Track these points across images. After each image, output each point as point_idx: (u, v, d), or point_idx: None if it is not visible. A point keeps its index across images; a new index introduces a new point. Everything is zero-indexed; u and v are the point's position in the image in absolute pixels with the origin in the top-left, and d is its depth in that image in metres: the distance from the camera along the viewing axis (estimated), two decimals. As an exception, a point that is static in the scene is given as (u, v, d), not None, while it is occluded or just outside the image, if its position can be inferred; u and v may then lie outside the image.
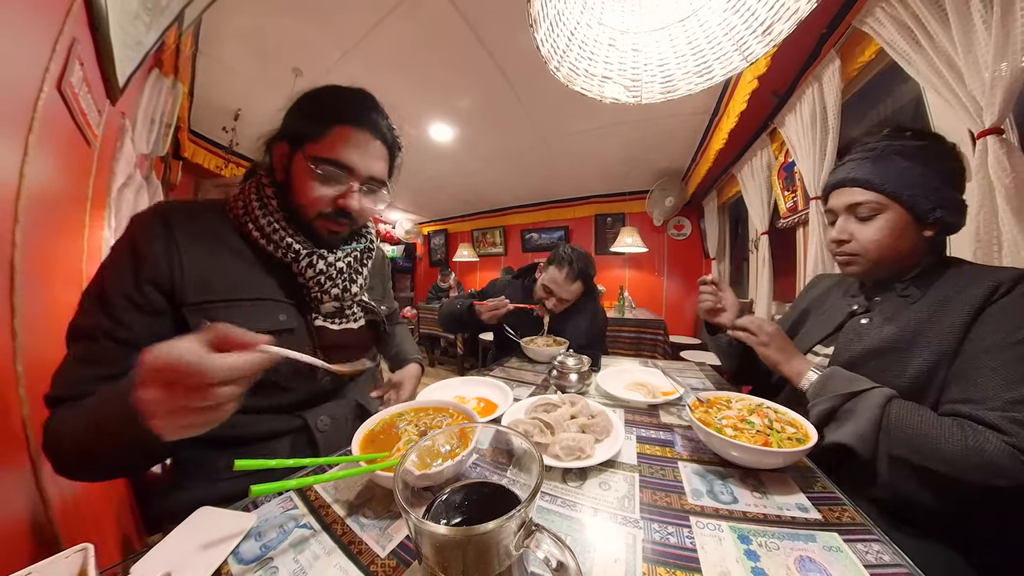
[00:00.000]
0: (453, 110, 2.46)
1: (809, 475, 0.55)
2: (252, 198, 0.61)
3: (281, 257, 0.60)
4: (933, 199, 0.61)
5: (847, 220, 0.68)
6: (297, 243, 0.60)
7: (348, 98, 0.61)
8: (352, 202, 0.60)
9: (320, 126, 0.58)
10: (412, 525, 0.25)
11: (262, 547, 0.40)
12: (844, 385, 0.60)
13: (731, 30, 0.55)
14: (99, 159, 1.15)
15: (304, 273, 0.61)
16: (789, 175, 2.00)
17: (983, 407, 0.50)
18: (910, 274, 0.66)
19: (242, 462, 0.39)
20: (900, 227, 0.63)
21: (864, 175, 0.65)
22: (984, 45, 0.85)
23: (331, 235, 0.64)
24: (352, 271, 0.67)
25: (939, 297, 0.61)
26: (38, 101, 0.77)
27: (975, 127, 0.89)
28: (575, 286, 1.30)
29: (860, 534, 0.42)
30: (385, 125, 0.63)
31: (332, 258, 0.64)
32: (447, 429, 0.38)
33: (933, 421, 0.52)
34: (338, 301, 0.66)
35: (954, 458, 0.48)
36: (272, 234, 0.60)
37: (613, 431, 0.64)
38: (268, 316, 0.59)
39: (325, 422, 0.65)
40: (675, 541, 0.41)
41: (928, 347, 0.58)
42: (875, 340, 0.64)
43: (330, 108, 0.59)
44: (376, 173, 0.62)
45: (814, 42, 1.53)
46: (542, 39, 0.58)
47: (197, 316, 0.53)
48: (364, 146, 0.60)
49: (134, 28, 1.15)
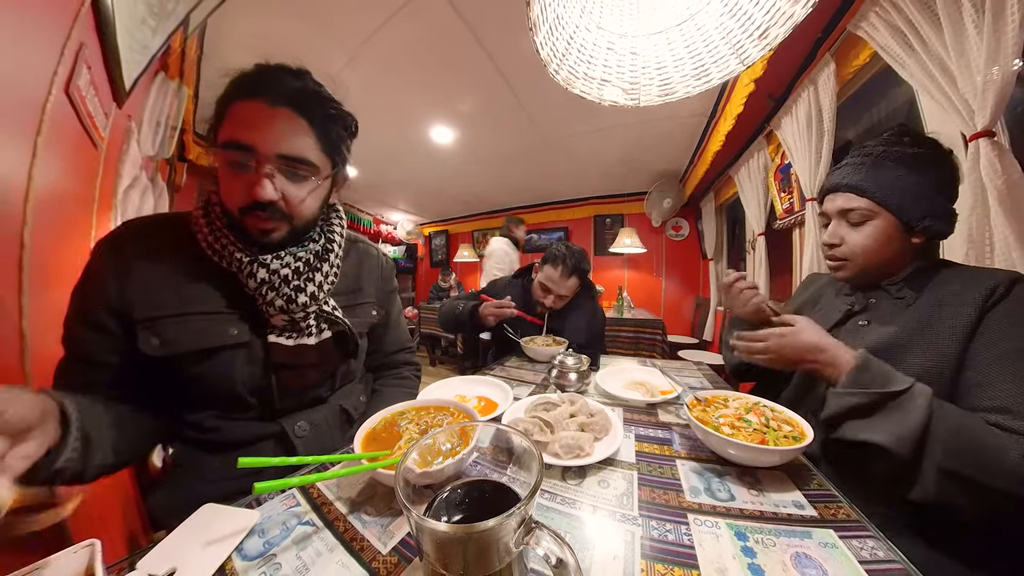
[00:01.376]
0: (454, 112, 2.46)
1: (805, 473, 0.55)
2: (199, 207, 0.57)
3: (227, 268, 0.56)
4: (924, 208, 0.61)
5: (839, 224, 0.68)
6: (239, 251, 0.55)
7: (251, 71, 0.51)
8: (263, 190, 0.50)
9: (222, 107, 0.51)
10: (413, 522, 0.25)
11: (265, 544, 0.40)
12: (880, 379, 0.54)
13: (728, 34, 0.55)
14: (105, 161, 1.15)
15: (247, 284, 0.56)
16: (785, 177, 2.00)
17: (1018, 418, 0.48)
18: (899, 276, 0.66)
19: (246, 460, 0.39)
20: (888, 234, 0.63)
21: (857, 181, 0.65)
22: (976, 49, 0.85)
23: (263, 234, 0.55)
24: (300, 278, 0.59)
25: (934, 300, 0.60)
26: (46, 104, 0.77)
27: (967, 130, 0.89)
28: (571, 281, 1.31)
29: (855, 531, 0.42)
30: (300, 90, 0.52)
31: (275, 265, 0.56)
32: (448, 428, 0.38)
33: (986, 431, 0.48)
34: (285, 314, 0.58)
35: (1017, 474, 0.45)
36: (215, 243, 0.55)
37: (612, 429, 0.64)
38: (218, 330, 0.56)
39: (303, 428, 0.63)
40: (673, 538, 0.41)
41: (927, 350, 0.57)
42: (875, 340, 0.63)
43: (233, 84, 0.51)
44: (288, 150, 0.51)
45: (809, 46, 1.53)
46: (542, 42, 0.58)
47: (146, 333, 0.52)
48: (265, 119, 0.49)
49: (140, 33, 1.15)
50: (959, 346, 0.55)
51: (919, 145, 0.63)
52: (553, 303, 1.34)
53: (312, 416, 0.66)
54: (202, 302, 0.56)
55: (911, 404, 0.50)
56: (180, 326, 0.54)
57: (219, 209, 0.57)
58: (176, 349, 0.53)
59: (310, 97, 0.54)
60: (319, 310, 0.62)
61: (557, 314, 1.38)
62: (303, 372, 0.63)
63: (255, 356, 0.59)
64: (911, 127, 0.66)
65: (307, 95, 0.53)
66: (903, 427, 0.50)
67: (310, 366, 0.64)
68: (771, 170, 2.17)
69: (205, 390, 0.57)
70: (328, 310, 0.64)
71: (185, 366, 0.54)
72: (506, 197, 4.59)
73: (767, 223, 2.33)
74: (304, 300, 0.59)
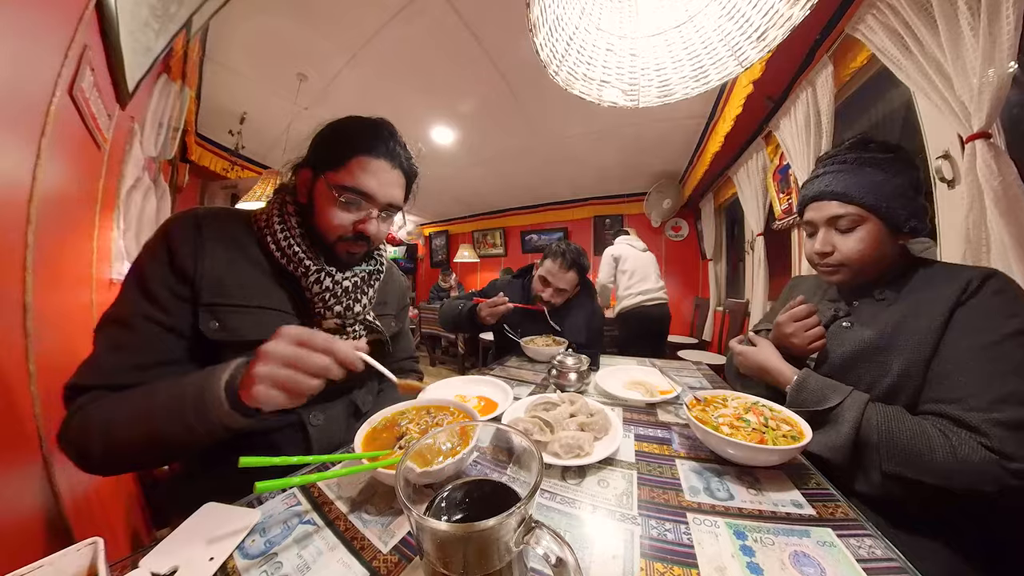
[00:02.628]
0: (454, 113, 2.47)
1: (804, 472, 0.55)
2: (274, 214, 0.63)
3: (292, 271, 0.62)
4: (908, 209, 0.62)
5: (828, 232, 0.68)
6: (308, 259, 0.62)
7: (367, 128, 0.63)
8: (371, 228, 0.63)
9: (340, 156, 0.60)
10: (414, 521, 0.25)
11: (267, 542, 0.40)
12: (816, 397, 0.62)
13: (726, 36, 0.55)
14: (109, 162, 1.16)
15: (311, 288, 0.62)
16: (784, 178, 2.00)
17: (964, 407, 0.51)
18: (883, 278, 0.67)
19: (247, 459, 0.39)
20: (879, 237, 0.64)
21: (842, 188, 0.65)
22: (972, 52, 0.85)
23: (349, 256, 0.66)
24: (358, 291, 0.67)
25: (912, 298, 0.62)
26: (51, 106, 0.77)
27: (964, 131, 0.89)
28: (570, 275, 1.34)
29: (853, 529, 0.42)
30: (403, 154, 0.66)
31: (339, 276, 0.64)
32: (448, 427, 0.38)
33: (918, 431, 0.52)
34: (340, 319, 0.66)
35: (945, 470, 0.49)
36: (287, 248, 0.61)
37: (612, 429, 0.64)
38: (273, 324, 0.58)
39: (318, 417, 0.66)
40: (672, 537, 0.41)
41: (905, 348, 0.59)
42: (857, 343, 0.65)
43: (350, 138, 0.62)
44: (394, 200, 0.65)
45: (808, 48, 1.53)
46: (541, 43, 0.58)
47: (207, 315, 0.55)
48: (382, 175, 0.62)
49: (144, 35, 1.16)
50: (932, 344, 0.57)
51: (889, 151, 0.64)
52: (552, 296, 1.36)
53: (327, 408, 0.68)
54: (262, 297, 0.60)
55: (841, 418, 0.57)
56: (242, 316, 0.57)
57: (295, 220, 0.63)
58: (233, 336, 0.56)
59: (408, 160, 0.67)
60: (364, 319, 0.70)
61: (557, 312, 1.40)
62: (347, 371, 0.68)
63: None
64: (872, 136, 0.67)
65: (407, 159, 0.67)
66: (835, 439, 0.57)
67: None
68: (770, 171, 2.17)
69: None
70: (371, 319, 0.71)
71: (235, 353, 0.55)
72: (506, 198, 4.59)
73: (766, 223, 2.33)
74: (359, 310, 0.67)
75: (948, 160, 1.01)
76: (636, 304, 2.50)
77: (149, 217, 1.54)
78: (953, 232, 0.97)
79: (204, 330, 0.55)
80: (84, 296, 1.03)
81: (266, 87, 2.13)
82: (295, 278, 0.62)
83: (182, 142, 2.24)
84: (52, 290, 0.81)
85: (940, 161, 1.03)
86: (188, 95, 1.90)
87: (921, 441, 0.51)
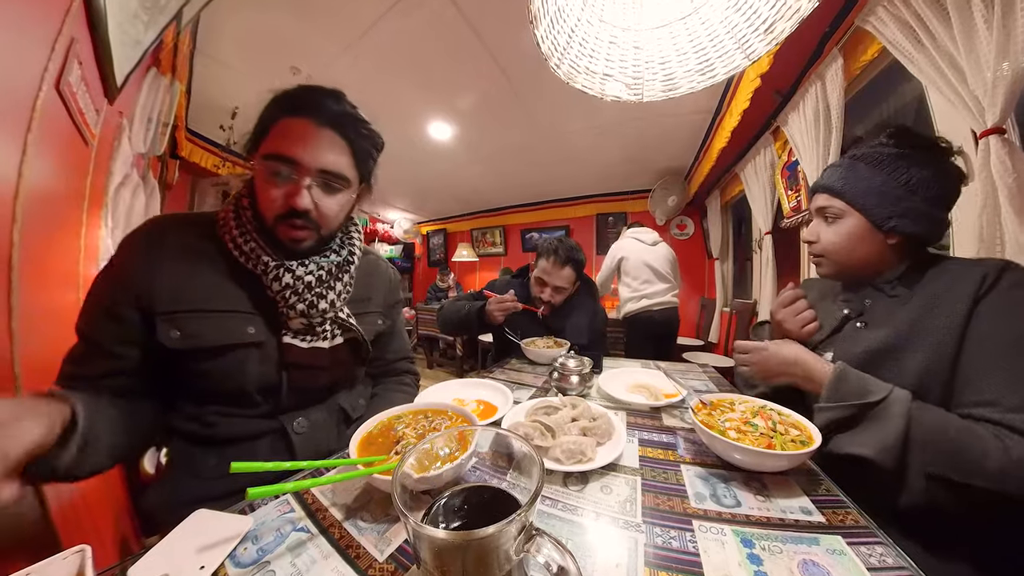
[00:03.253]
0: (452, 108, 2.47)
1: (812, 477, 0.55)
2: (230, 211, 0.61)
3: (252, 269, 0.60)
4: (889, 209, 0.63)
5: (818, 223, 0.73)
6: (267, 255, 0.60)
7: (295, 91, 0.58)
8: (301, 200, 0.56)
9: (265, 124, 0.57)
10: (411, 529, 0.25)
11: (259, 550, 0.40)
12: (857, 390, 0.57)
13: (733, 28, 0.55)
14: (96, 158, 1.16)
15: (271, 287, 0.60)
16: (793, 174, 2.00)
17: (1001, 410, 0.50)
18: (892, 275, 0.67)
19: (239, 464, 0.39)
20: (858, 233, 0.66)
21: (832, 183, 0.69)
22: (986, 45, 0.85)
23: (293, 242, 0.60)
24: (323, 286, 0.64)
25: (928, 294, 0.61)
26: (37, 100, 0.77)
27: (977, 127, 0.89)
28: (566, 271, 1.33)
29: (863, 537, 0.42)
30: (341, 113, 0.59)
31: (300, 271, 0.61)
32: (446, 432, 0.38)
33: (966, 430, 0.50)
34: (305, 317, 0.63)
35: (998, 473, 0.47)
36: (243, 245, 0.60)
37: (615, 434, 0.64)
38: (237, 328, 0.59)
39: (302, 424, 0.65)
40: (677, 545, 0.41)
41: (924, 346, 0.58)
42: (872, 342, 0.64)
43: (276, 103, 0.58)
44: (328, 166, 0.57)
45: (817, 40, 1.53)
46: (542, 36, 0.58)
47: (166, 325, 0.55)
48: (310, 137, 0.56)
49: (132, 27, 1.15)
50: (954, 343, 0.56)
51: (902, 146, 0.64)
52: (551, 296, 1.35)
53: (311, 414, 0.67)
54: (223, 300, 0.59)
55: (889, 412, 0.53)
56: (201, 321, 0.57)
57: (250, 214, 0.61)
58: (195, 343, 0.56)
59: (348, 118, 0.60)
60: (335, 316, 0.67)
61: (557, 313, 1.39)
62: (314, 374, 0.67)
63: (269, 356, 0.62)
64: (906, 128, 0.66)
65: (345, 116, 0.59)
66: (884, 437, 0.52)
67: (322, 368, 0.67)
68: (778, 167, 2.17)
69: (215, 384, 0.59)
70: (343, 317, 0.68)
71: (200, 360, 0.57)
72: (505, 195, 4.60)
73: (774, 221, 2.33)
74: (324, 306, 0.64)
75: (961, 156, 1.01)
76: (641, 308, 2.47)
77: (138, 215, 1.54)
78: (966, 230, 0.97)
79: (164, 340, 0.54)
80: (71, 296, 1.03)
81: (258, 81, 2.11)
82: (256, 277, 0.60)
83: (172, 138, 2.24)
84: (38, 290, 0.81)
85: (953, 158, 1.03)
86: (178, 89, 1.90)
87: (971, 441, 0.49)
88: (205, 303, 0.57)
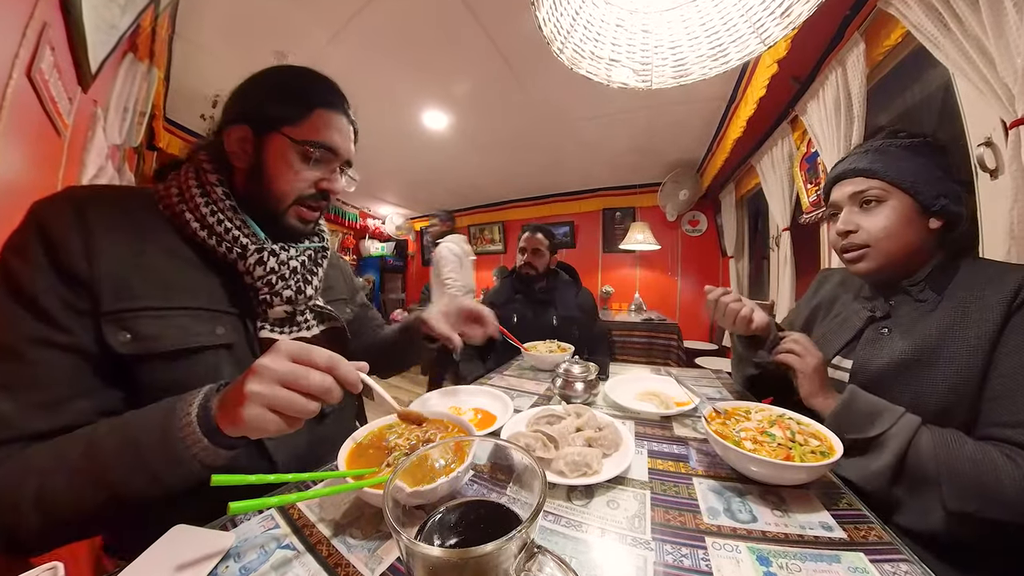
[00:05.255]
0: (448, 95, 2.47)
1: (833, 491, 0.55)
2: (191, 185, 0.56)
3: (224, 254, 0.56)
4: (937, 188, 0.64)
5: (851, 211, 0.71)
6: (244, 236, 0.57)
7: (323, 81, 0.65)
8: (336, 184, 0.64)
9: (301, 108, 0.60)
10: (403, 546, 0.25)
11: (241, 569, 0.40)
12: (862, 420, 0.60)
13: (747, 11, 0.55)
14: (69, 149, 1.16)
15: (252, 272, 0.57)
16: (812, 166, 2.00)
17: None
18: (921, 274, 0.67)
19: (220, 477, 0.39)
20: (907, 216, 0.65)
21: (866, 165, 0.68)
22: (1016, 30, 0.85)
23: (303, 223, 0.65)
24: (306, 271, 0.65)
25: (957, 302, 0.61)
26: (7, 89, 0.77)
27: (1007, 116, 0.89)
28: (539, 235, 1.79)
29: (887, 554, 0.42)
30: (351, 110, 0.68)
31: (285, 256, 0.61)
32: (442, 443, 0.38)
33: (981, 457, 0.50)
34: (290, 304, 0.62)
35: (1015, 502, 0.47)
36: (215, 226, 0.56)
37: (622, 445, 0.64)
38: (203, 329, 0.54)
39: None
40: (689, 564, 0.41)
41: (954, 360, 0.58)
42: (897, 353, 0.64)
43: (308, 91, 0.62)
44: (351, 156, 0.67)
45: (837, 24, 1.53)
46: (544, 18, 0.58)
47: (113, 327, 0.47)
48: (344, 130, 0.64)
49: (108, 10, 1.16)
50: (985, 358, 0.56)
51: (915, 138, 0.68)
52: (531, 258, 1.78)
53: None
54: (182, 294, 0.54)
55: (885, 445, 0.57)
56: (159, 322, 0.50)
57: (220, 191, 0.58)
58: (152, 348, 0.49)
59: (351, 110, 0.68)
60: (314, 304, 0.69)
61: (545, 292, 1.79)
62: None
63: (242, 358, 0.58)
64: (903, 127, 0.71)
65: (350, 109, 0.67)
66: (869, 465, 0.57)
67: None
68: (796, 159, 2.17)
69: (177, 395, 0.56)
70: (322, 305, 0.70)
71: (156, 367, 0.51)
72: (505, 189, 4.60)
73: (792, 217, 2.33)
74: (310, 292, 0.65)
75: (991, 147, 1.01)
76: None
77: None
78: (996, 227, 0.97)
79: (113, 345, 0.47)
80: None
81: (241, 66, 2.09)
82: (226, 263, 0.57)
83: (149, 127, 2.24)
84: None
85: (982, 149, 1.03)
86: (156, 76, 1.90)
87: (986, 469, 0.49)
88: (163, 299, 0.51)
